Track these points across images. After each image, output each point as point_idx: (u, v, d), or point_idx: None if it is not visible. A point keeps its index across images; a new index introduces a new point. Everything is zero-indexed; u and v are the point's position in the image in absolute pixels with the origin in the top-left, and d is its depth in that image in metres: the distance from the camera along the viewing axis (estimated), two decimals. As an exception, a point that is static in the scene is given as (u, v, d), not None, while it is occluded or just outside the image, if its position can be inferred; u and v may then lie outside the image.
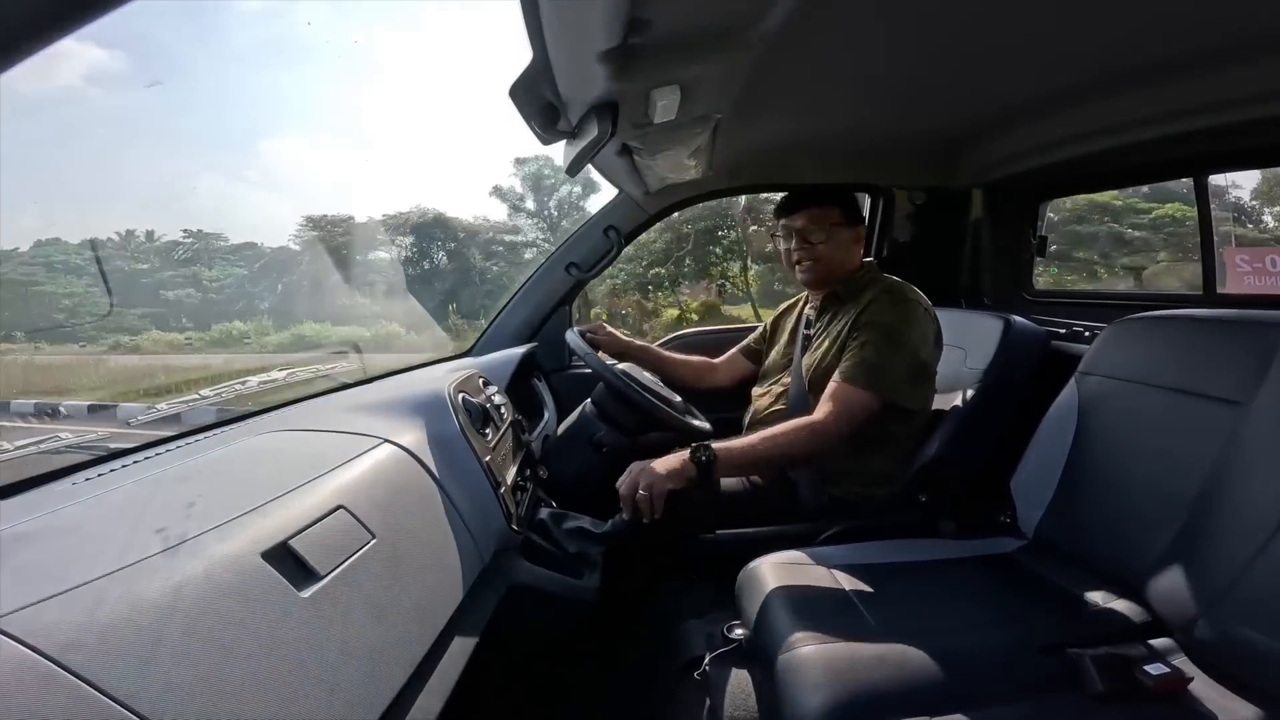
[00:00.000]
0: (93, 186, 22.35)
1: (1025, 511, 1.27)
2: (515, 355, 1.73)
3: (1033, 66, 1.26)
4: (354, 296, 5.63)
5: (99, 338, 7.10)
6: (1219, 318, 1.12)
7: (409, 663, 0.74)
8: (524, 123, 1.15)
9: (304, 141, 27.85)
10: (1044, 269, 2.41)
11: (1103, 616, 1.02)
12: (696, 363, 1.92)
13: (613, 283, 10.34)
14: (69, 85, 21.97)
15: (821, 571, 1.15)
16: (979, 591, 1.11)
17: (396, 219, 12.56)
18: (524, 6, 0.81)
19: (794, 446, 1.35)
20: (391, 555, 0.79)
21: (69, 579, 0.51)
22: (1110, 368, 1.22)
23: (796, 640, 0.95)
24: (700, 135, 1.44)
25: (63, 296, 8.21)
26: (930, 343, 1.48)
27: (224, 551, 0.60)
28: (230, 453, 0.86)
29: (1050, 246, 2.07)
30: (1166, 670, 0.85)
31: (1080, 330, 1.65)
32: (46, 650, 0.45)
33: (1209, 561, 0.91)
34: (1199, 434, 1.01)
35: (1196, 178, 1.60)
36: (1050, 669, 0.89)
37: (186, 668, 0.51)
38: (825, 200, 1.56)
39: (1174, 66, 1.22)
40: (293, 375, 1.28)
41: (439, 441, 1.06)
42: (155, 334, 8.64)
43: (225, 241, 12.38)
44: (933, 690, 0.87)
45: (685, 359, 1.92)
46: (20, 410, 1.64)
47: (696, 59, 1.01)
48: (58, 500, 0.66)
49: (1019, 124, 1.64)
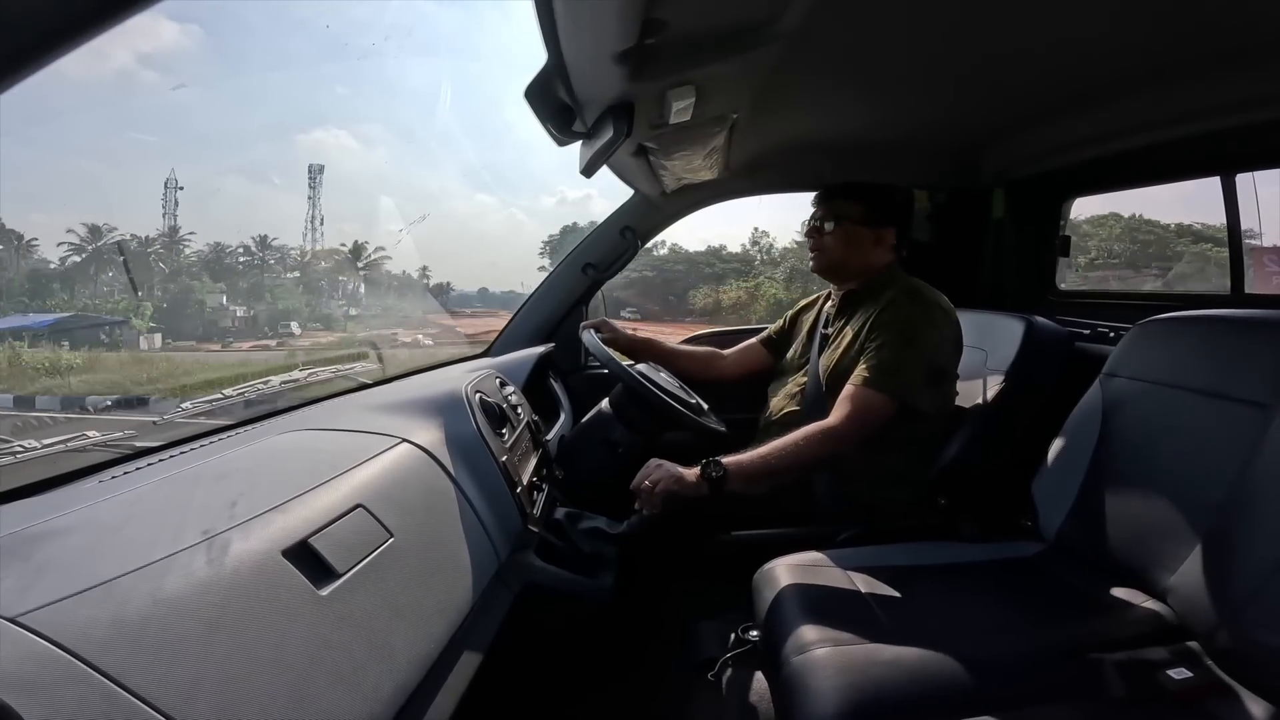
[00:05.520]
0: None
1: (1046, 515, 1.25)
2: (532, 355, 1.74)
3: (1056, 63, 1.24)
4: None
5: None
6: (1247, 318, 1.09)
7: (425, 661, 0.75)
8: (540, 124, 1.15)
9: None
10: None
11: (1125, 620, 1.00)
12: (702, 353, 1.91)
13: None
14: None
15: (838, 573, 1.14)
16: (999, 595, 1.09)
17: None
18: (539, 8, 0.81)
19: (807, 453, 1.34)
20: (409, 554, 0.80)
21: (93, 576, 0.52)
22: (1135, 369, 1.20)
23: (812, 642, 0.95)
24: (716, 136, 1.44)
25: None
26: (949, 345, 1.46)
27: (246, 549, 0.61)
28: (252, 452, 0.87)
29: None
30: (1190, 675, 0.84)
31: (1105, 331, 1.62)
32: (71, 646, 0.46)
33: (1235, 566, 0.89)
34: (1226, 437, 0.99)
35: (1224, 177, 1.57)
36: (1072, 673, 0.88)
37: (208, 665, 0.52)
38: (851, 196, 1.56)
39: (1200, 64, 1.20)
40: (313, 375, 1.30)
41: (456, 441, 1.07)
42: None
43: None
44: (951, 694, 0.86)
45: (691, 350, 1.92)
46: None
47: (712, 59, 1.00)
48: (83, 498, 0.68)
49: (1042, 122, 1.62)
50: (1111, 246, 15.37)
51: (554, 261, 2.21)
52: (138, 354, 4.98)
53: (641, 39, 0.87)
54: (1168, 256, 14.19)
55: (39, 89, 0.42)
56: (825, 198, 1.59)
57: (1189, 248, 12.66)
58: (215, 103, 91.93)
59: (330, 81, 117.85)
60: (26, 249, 20.01)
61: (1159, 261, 14.47)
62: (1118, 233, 15.56)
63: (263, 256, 22.07)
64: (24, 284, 15.09)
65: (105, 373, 3.33)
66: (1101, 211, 16.48)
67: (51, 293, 14.46)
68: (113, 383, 1.94)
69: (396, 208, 26.12)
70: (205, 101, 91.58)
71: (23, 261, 17.92)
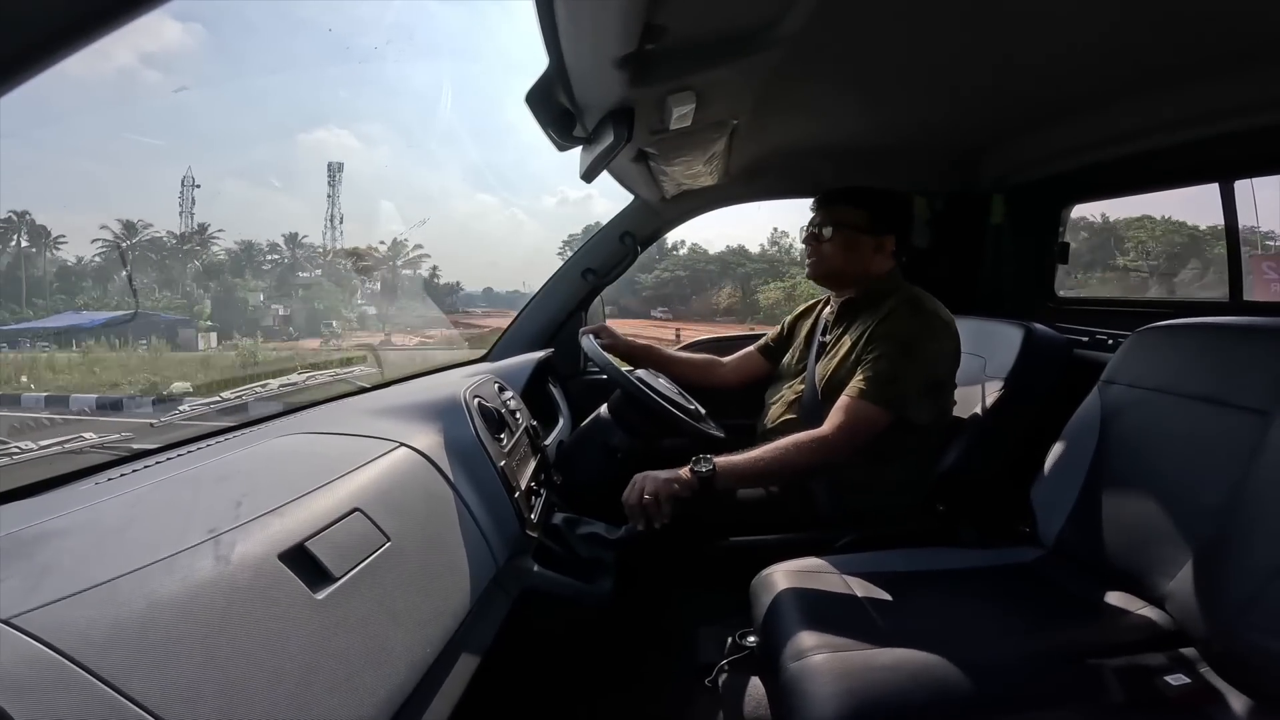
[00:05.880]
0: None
1: (1045, 521, 1.25)
2: (531, 360, 1.74)
3: (1055, 69, 1.25)
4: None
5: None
6: (1246, 325, 1.09)
7: (422, 665, 0.75)
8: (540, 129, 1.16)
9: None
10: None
11: (1123, 626, 1.00)
12: (700, 360, 1.91)
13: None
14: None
15: (836, 579, 1.14)
16: (997, 601, 1.09)
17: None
18: (540, 13, 0.82)
19: (798, 460, 1.33)
20: (406, 558, 0.80)
21: (89, 578, 0.51)
22: (1134, 376, 1.20)
23: (810, 647, 0.94)
24: (717, 141, 1.45)
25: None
26: (948, 358, 1.45)
27: (242, 552, 0.61)
28: (249, 455, 0.87)
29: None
30: (1187, 680, 0.84)
31: (1104, 338, 1.63)
32: (65, 648, 0.45)
33: (1234, 571, 0.89)
34: (1225, 443, 0.99)
35: (1223, 183, 1.57)
36: (1070, 679, 0.88)
37: (203, 668, 0.52)
38: (853, 202, 1.54)
39: (1199, 69, 1.20)
40: (311, 378, 1.30)
41: (455, 446, 1.07)
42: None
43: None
44: (949, 700, 0.86)
45: (689, 357, 1.92)
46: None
47: (712, 65, 1.01)
48: (80, 500, 0.67)
49: (1041, 128, 1.63)
50: (1149, 247, 15.79)
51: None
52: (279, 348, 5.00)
53: (642, 44, 0.87)
54: (1206, 258, 14.42)
55: (55, 87, 0.42)
56: (824, 203, 1.57)
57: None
58: (217, 102, 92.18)
59: (332, 83, 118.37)
60: (54, 246, 19.99)
61: (1195, 259, 14.59)
62: (1158, 234, 16.03)
63: (293, 255, 21.98)
64: (68, 282, 15.06)
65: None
66: (1134, 214, 16.83)
67: (84, 290, 14.47)
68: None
69: (397, 209, 26.17)
70: (208, 101, 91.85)
71: (47, 260, 17.93)
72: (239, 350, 3.86)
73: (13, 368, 4.47)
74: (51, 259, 19.54)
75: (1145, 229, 16.04)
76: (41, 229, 19.75)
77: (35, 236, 19.63)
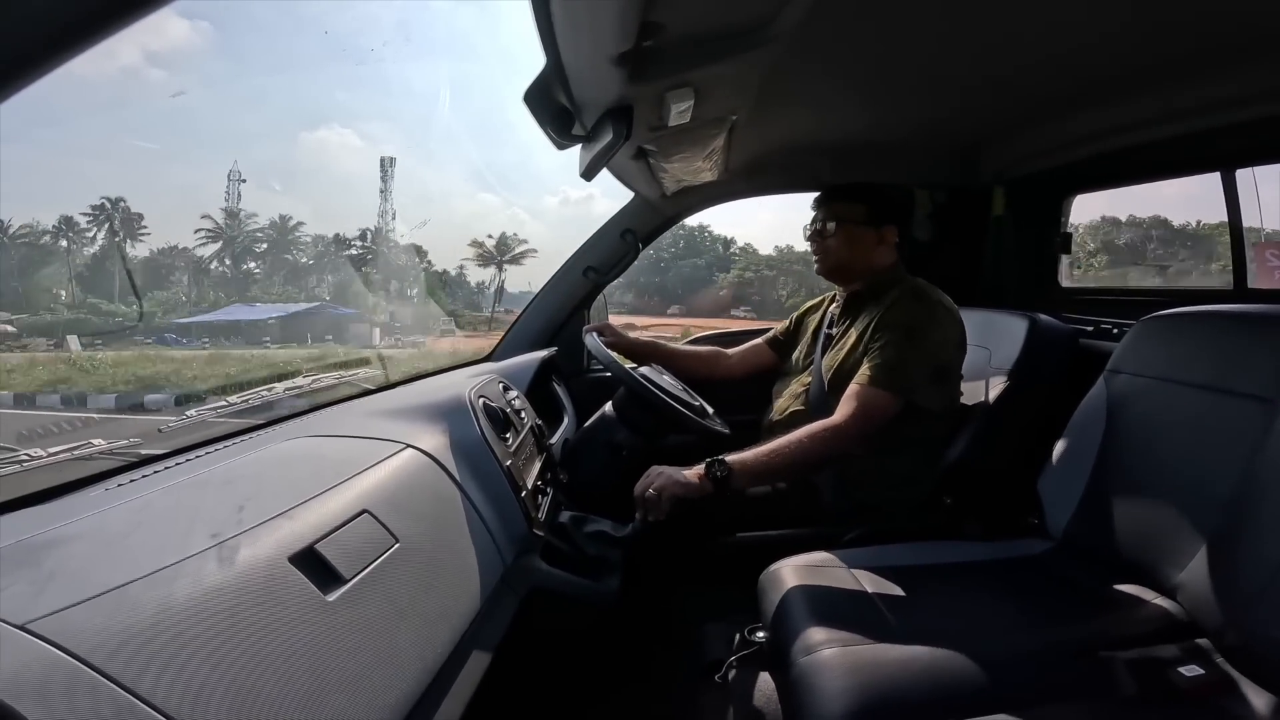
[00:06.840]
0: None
1: (1053, 513, 1.25)
2: (535, 360, 1.74)
3: (1055, 61, 1.24)
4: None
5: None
6: (1250, 313, 1.09)
7: (431, 666, 0.75)
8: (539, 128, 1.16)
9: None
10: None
11: (1134, 618, 1.00)
12: (706, 353, 1.91)
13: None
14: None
15: (844, 573, 1.14)
16: (1006, 594, 1.09)
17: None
18: (536, 11, 0.81)
19: (812, 451, 1.33)
20: (414, 559, 0.80)
21: (101, 583, 0.52)
22: (1140, 365, 1.19)
23: (819, 643, 0.94)
24: (716, 137, 1.44)
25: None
26: (953, 343, 1.46)
27: (253, 555, 0.61)
28: (257, 458, 0.87)
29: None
30: (1201, 672, 0.83)
31: (1109, 328, 1.62)
32: (79, 653, 0.46)
33: (1244, 561, 0.89)
34: (1231, 432, 0.98)
35: (1225, 173, 1.57)
36: (1082, 672, 0.88)
37: (215, 670, 0.52)
38: (851, 197, 1.56)
39: (1200, 59, 1.20)
40: (317, 381, 1.30)
41: (460, 446, 1.07)
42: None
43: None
44: (960, 694, 0.85)
45: (694, 350, 1.92)
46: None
47: (710, 61, 1.01)
48: (91, 506, 0.68)
49: (1042, 120, 1.62)
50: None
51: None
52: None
53: (639, 41, 0.87)
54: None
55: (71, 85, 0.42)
56: (824, 201, 1.59)
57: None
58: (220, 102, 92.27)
59: (333, 84, 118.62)
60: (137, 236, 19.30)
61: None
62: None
63: (374, 248, 21.51)
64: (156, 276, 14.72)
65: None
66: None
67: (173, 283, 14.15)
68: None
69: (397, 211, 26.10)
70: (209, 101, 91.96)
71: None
72: (419, 348, 3.73)
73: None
74: (136, 252, 19.39)
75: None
76: (136, 216, 19.63)
77: (127, 224, 19.52)
